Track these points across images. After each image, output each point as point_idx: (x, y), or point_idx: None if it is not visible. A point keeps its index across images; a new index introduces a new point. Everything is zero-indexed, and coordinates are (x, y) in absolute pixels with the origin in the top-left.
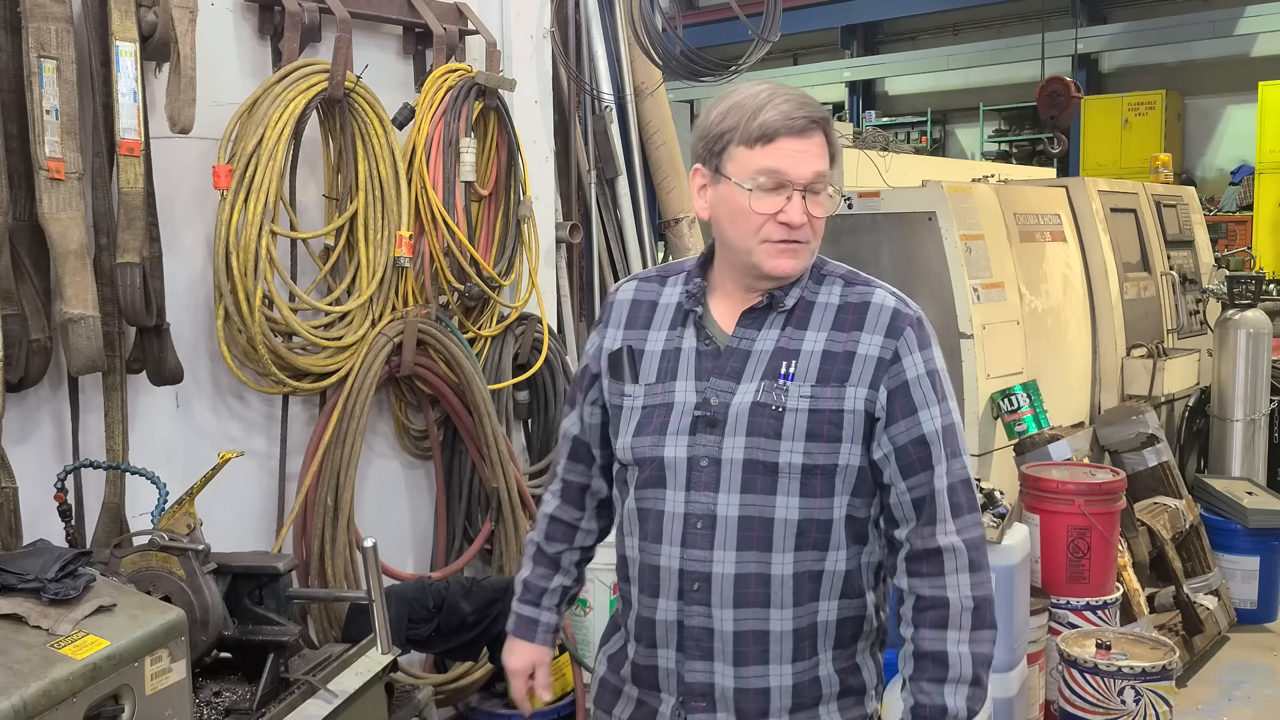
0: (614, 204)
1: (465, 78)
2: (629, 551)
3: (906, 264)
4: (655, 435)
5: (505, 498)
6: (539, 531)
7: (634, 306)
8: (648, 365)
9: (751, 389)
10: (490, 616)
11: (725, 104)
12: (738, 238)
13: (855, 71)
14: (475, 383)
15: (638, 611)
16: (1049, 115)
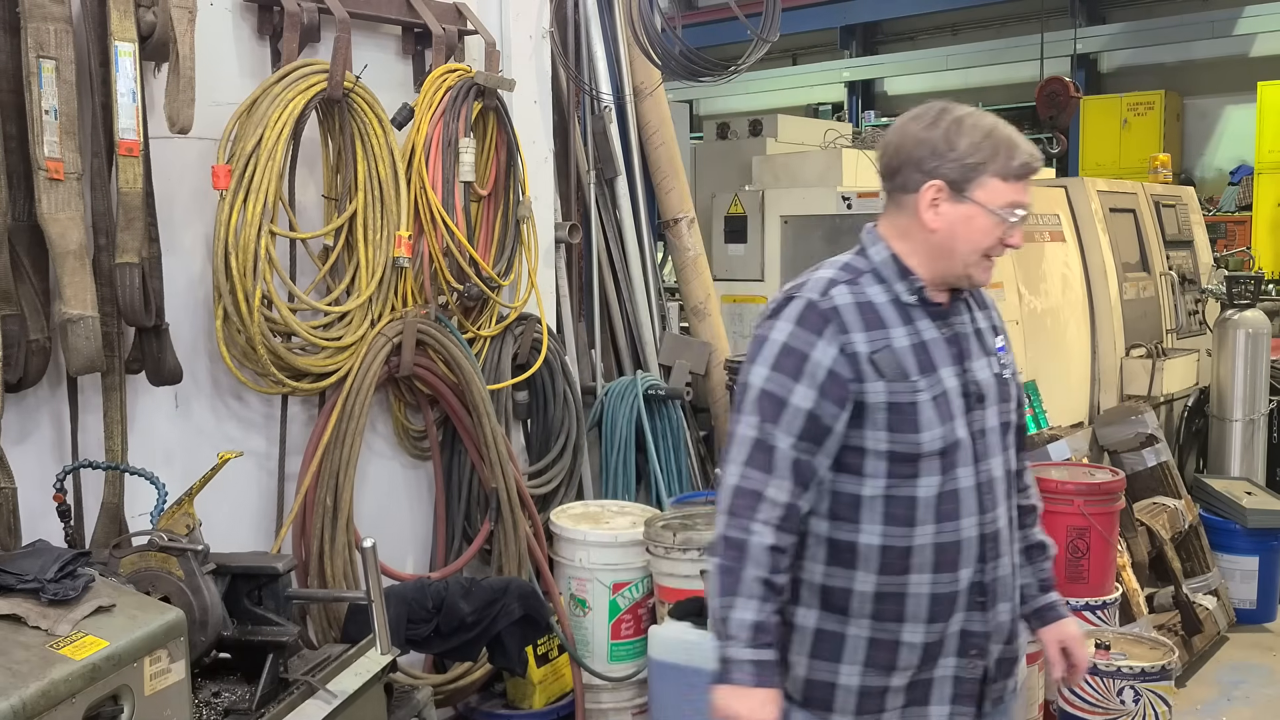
0: (613, 204)
1: (464, 78)
2: (918, 540)
3: None
4: (950, 421)
5: (504, 498)
6: (762, 567)
7: (860, 310)
8: (907, 360)
9: (984, 364)
10: (489, 617)
11: (973, 134)
12: (964, 251)
13: (854, 72)
14: (474, 383)
15: (929, 593)
16: (1048, 115)
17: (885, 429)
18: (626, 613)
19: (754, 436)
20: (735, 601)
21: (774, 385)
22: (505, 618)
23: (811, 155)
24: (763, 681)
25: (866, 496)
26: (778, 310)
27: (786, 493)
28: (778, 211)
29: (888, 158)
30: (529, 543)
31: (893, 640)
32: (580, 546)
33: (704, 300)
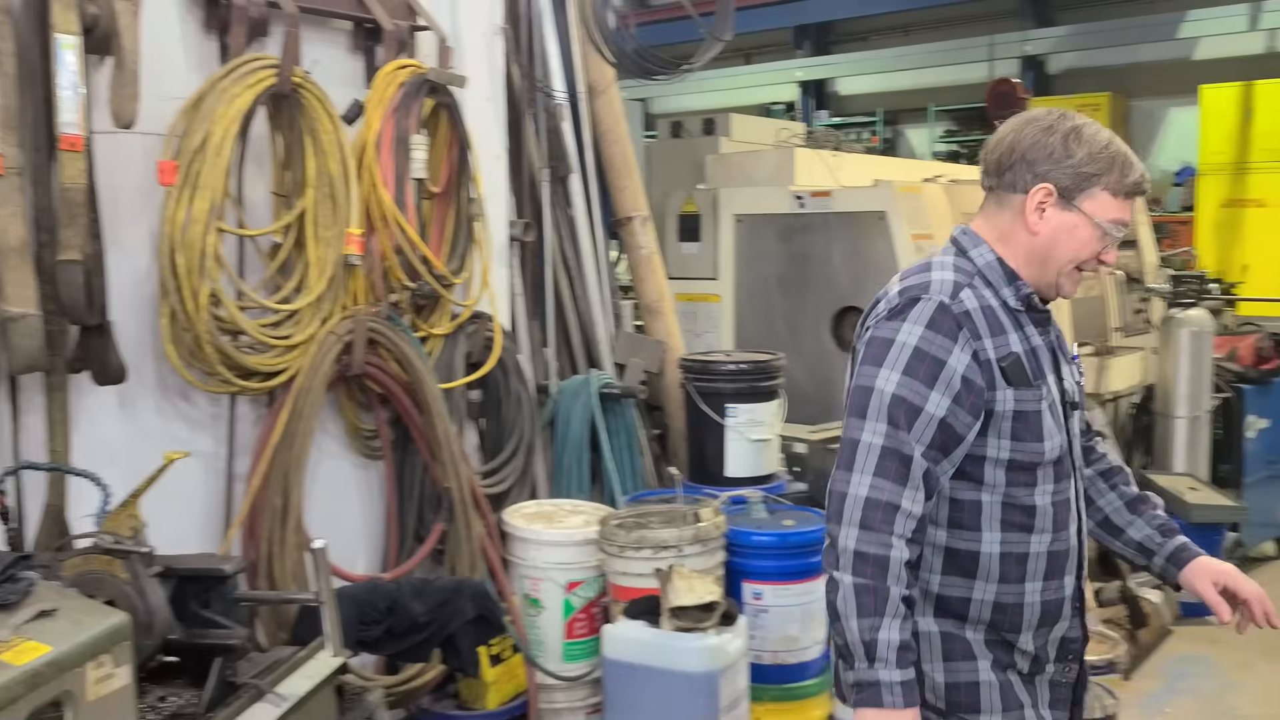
0: (567, 202)
1: (416, 74)
2: (1034, 548)
3: (858, 262)
4: (1061, 431)
5: (457, 498)
6: (900, 582)
7: (984, 314)
8: (1027, 366)
9: (1069, 370)
10: (442, 618)
11: (1092, 144)
12: (1060, 260)
13: (807, 71)
14: (426, 382)
15: (1041, 600)
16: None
17: (1010, 438)
18: (580, 612)
19: (883, 445)
20: (881, 622)
21: (907, 391)
22: (458, 618)
23: (765, 154)
24: (910, 701)
25: (986, 503)
26: (902, 311)
27: (920, 505)
28: (731, 210)
29: (999, 154)
30: (482, 543)
31: (1006, 644)
32: (534, 546)
33: (658, 299)
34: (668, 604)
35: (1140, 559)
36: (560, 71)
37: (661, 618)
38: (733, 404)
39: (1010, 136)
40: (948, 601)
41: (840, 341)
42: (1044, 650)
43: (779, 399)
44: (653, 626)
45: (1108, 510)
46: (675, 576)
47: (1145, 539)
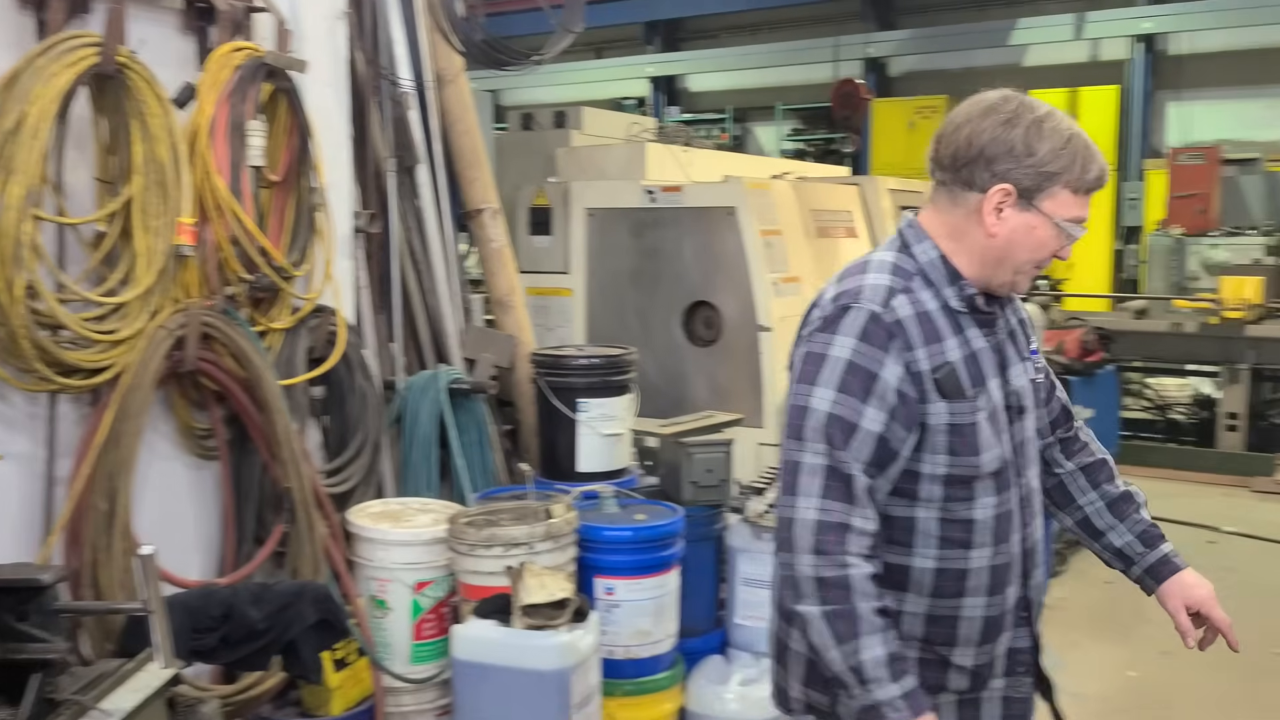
0: (414, 193)
1: (253, 57)
2: (974, 563)
3: (708, 257)
4: (1001, 441)
5: (299, 498)
6: (871, 597)
7: (919, 321)
8: (963, 374)
9: (1021, 370)
10: (282, 623)
11: (1054, 139)
12: (1017, 260)
13: (658, 67)
14: (265, 378)
15: (982, 616)
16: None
17: (945, 452)
18: (429, 612)
19: (826, 465)
20: (860, 643)
21: (842, 408)
22: (299, 623)
23: (616, 148)
24: (917, 709)
25: (920, 519)
26: (834, 321)
27: (870, 521)
28: (583, 204)
29: (955, 148)
30: (326, 544)
31: (941, 661)
32: (380, 546)
33: (509, 293)
34: (519, 602)
35: (1117, 564)
36: (407, 59)
37: (513, 616)
38: (584, 399)
39: (967, 129)
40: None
41: (691, 336)
42: (987, 667)
43: (631, 393)
44: (504, 625)
45: (1088, 511)
46: (526, 574)
47: (1126, 546)
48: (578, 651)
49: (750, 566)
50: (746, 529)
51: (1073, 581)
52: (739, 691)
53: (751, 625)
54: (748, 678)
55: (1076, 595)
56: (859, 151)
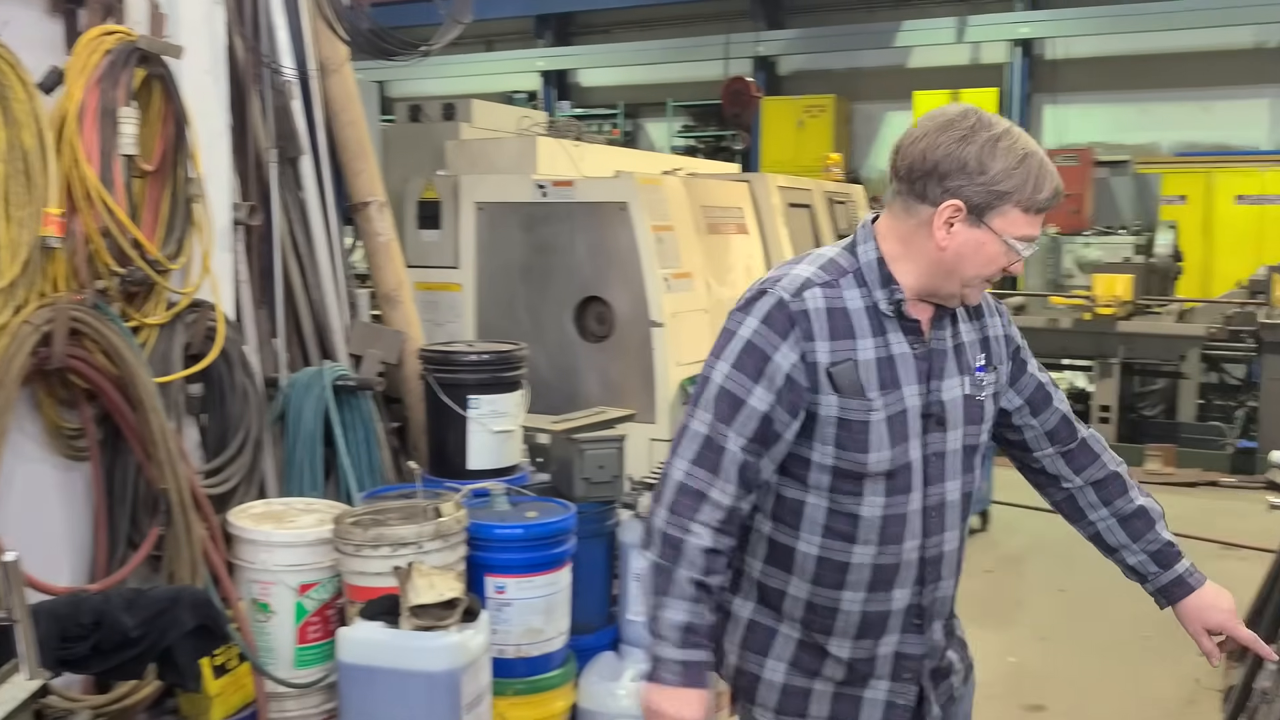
0: (297, 185)
1: (125, 41)
2: (856, 558)
3: (600, 253)
4: (903, 443)
5: (176, 499)
6: (693, 568)
7: (831, 316)
8: (868, 374)
9: (956, 383)
10: (157, 629)
11: (1007, 158)
12: (967, 275)
13: (549, 61)
14: (139, 375)
15: (861, 611)
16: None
17: (833, 444)
18: (314, 615)
19: (705, 434)
20: (667, 601)
21: (732, 384)
22: (176, 630)
23: (506, 142)
24: (689, 681)
25: (809, 504)
26: (749, 304)
27: (730, 496)
28: (472, 198)
29: (910, 160)
30: (204, 546)
31: (819, 648)
32: (263, 548)
33: (396, 287)
34: (407, 603)
35: (1134, 579)
36: (289, 47)
37: (401, 617)
38: (475, 395)
39: (924, 143)
40: (767, 591)
41: (583, 331)
42: (866, 664)
43: (522, 390)
44: (391, 627)
45: (1100, 527)
46: (415, 574)
47: (1139, 564)
48: (468, 651)
49: (643, 562)
50: (639, 525)
51: None
52: (632, 688)
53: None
54: (640, 673)
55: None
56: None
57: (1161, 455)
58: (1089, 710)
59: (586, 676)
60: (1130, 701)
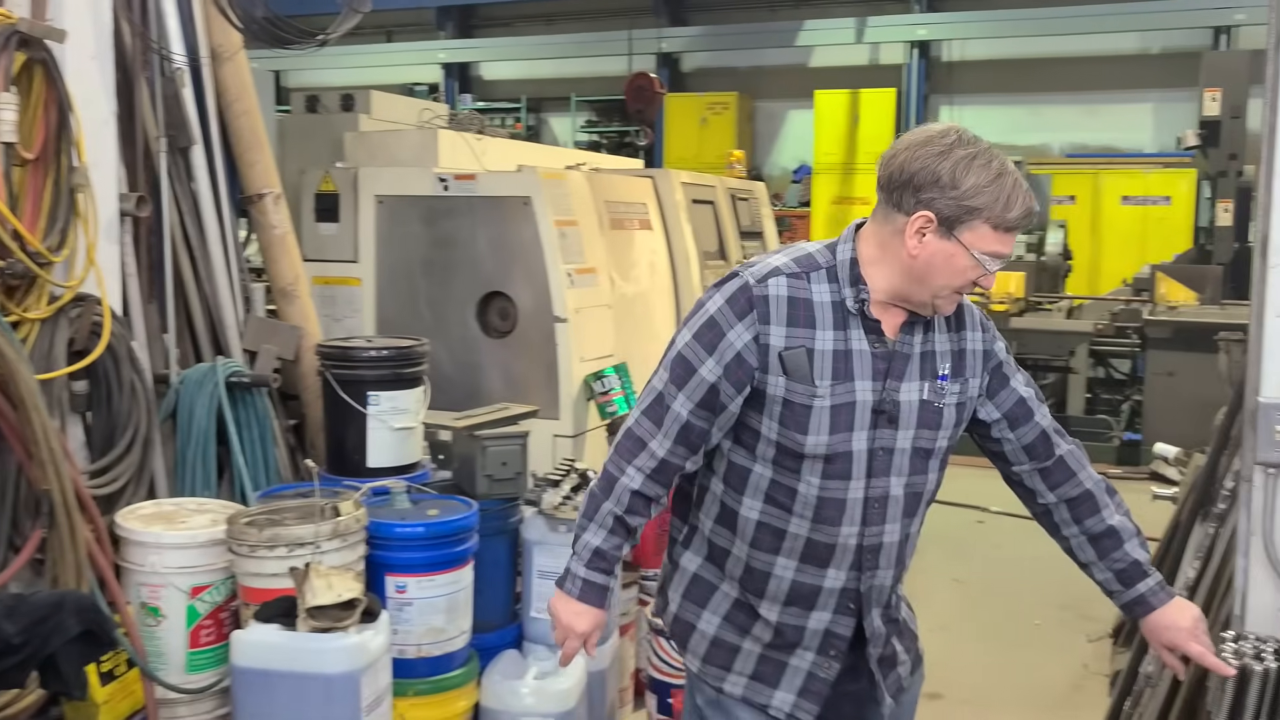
0: (189, 176)
1: (4, 24)
2: (792, 529)
3: (503, 248)
4: (845, 432)
5: (59, 500)
6: (618, 504)
7: (791, 304)
8: (822, 364)
9: (916, 387)
10: (40, 636)
11: (980, 175)
12: (936, 284)
13: (450, 54)
14: (19, 372)
15: (792, 579)
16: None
17: (777, 421)
18: (207, 618)
19: (660, 391)
20: (589, 526)
21: (689, 352)
22: (60, 636)
23: (407, 134)
24: (585, 598)
25: (755, 473)
26: (722, 284)
27: (666, 450)
28: (372, 191)
29: (890, 171)
30: (90, 549)
31: (751, 609)
32: (152, 550)
33: (293, 281)
34: (304, 604)
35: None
36: (179, 33)
37: (298, 619)
38: (374, 391)
39: (904, 155)
40: (715, 549)
41: (485, 327)
42: (793, 632)
43: (423, 386)
44: (288, 629)
45: (1072, 543)
46: (312, 574)
47: (1104, 581)
48: (367, 653)
49: (546, 559)
50: (542, 522)
51: None
52: (535, 685)
53: (547, 618)
54: (543, 671)
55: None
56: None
57: None
58: (984, 697)
59: (489, 675)
60: (1023, 687)
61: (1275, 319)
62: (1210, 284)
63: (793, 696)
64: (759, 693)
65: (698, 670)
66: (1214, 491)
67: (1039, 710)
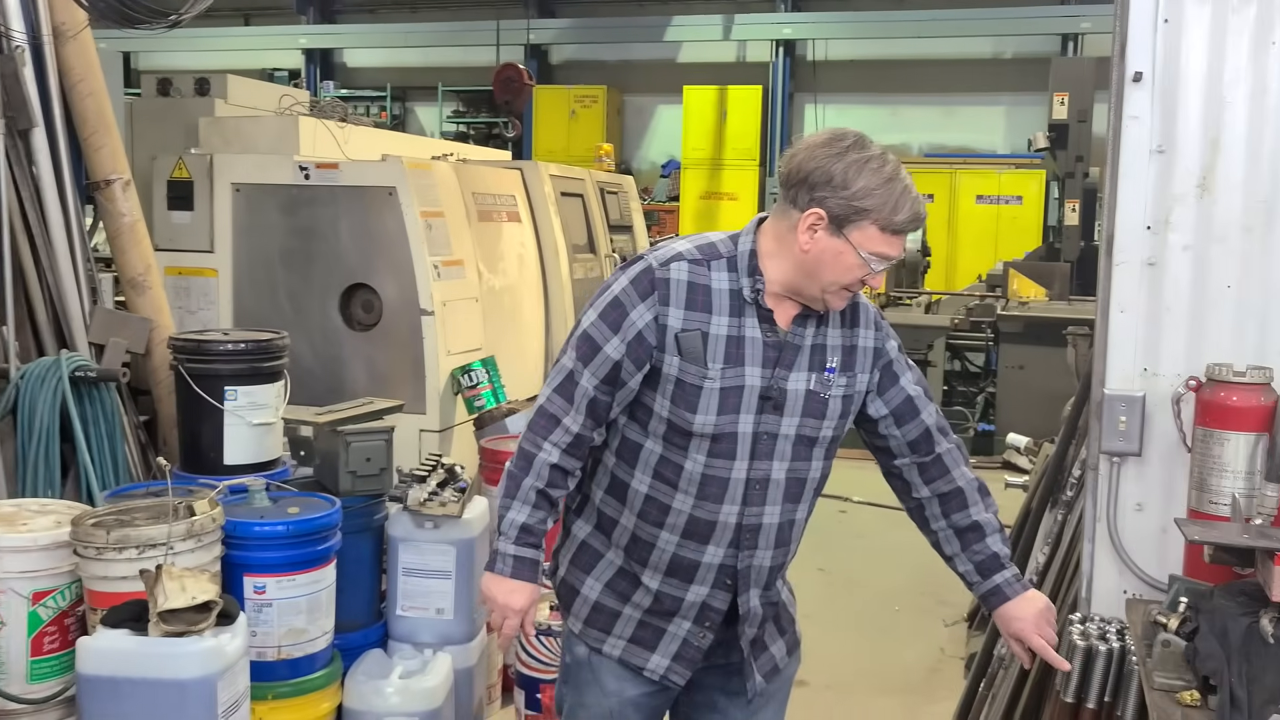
0: (29, 160)
1: None
2: (676, 504)
3: (367, 239)
4: (732, 414)
5: None
6: (539, 479)
7: (690, 289)
8: (715, 348)
9: (804, 377)
10: None
11: (871, 178)
12: (825, 280)
13: (312, 39)
14: None
15: (674, 553)
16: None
17: (670, 399)
18: (51, 624)
19: (569, 369)
20: (512, 504)
21: (595, 331)
22: None
23: (266, 121)
24: (518, 574)
25: (646, 448)
26: (628, 267)
27: (579, 425)
28: (228, 178)
29: (789, 168)
30: None
31: (634, 577)
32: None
33: (143, 272)
34: (156, 608)
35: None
36: (18, 8)
37: (149, 624)
38: (231, 386)
39: (802, 154)
40: (604, 518)
41: (349, 320)
42: (672, 601)
43: (282, 380)
44: (139, 634)
45: (939, 536)
46: (164, 577)
47: (965, 573)
48: (224, 656)
49: (412, 556)
50: (408, 518)
51: None
52: (400, 685)
53: (414, 616)
54: (409, 670)
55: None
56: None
57: None
58: (846, 682)
59: (353, 676)
60: (884, 672)
61: (1119, 314)
62: (1059, 281)
63: (667, 661)
64: (636, 655)
65: (578, 632)
66: (1062, 480)
67: (899, 693)
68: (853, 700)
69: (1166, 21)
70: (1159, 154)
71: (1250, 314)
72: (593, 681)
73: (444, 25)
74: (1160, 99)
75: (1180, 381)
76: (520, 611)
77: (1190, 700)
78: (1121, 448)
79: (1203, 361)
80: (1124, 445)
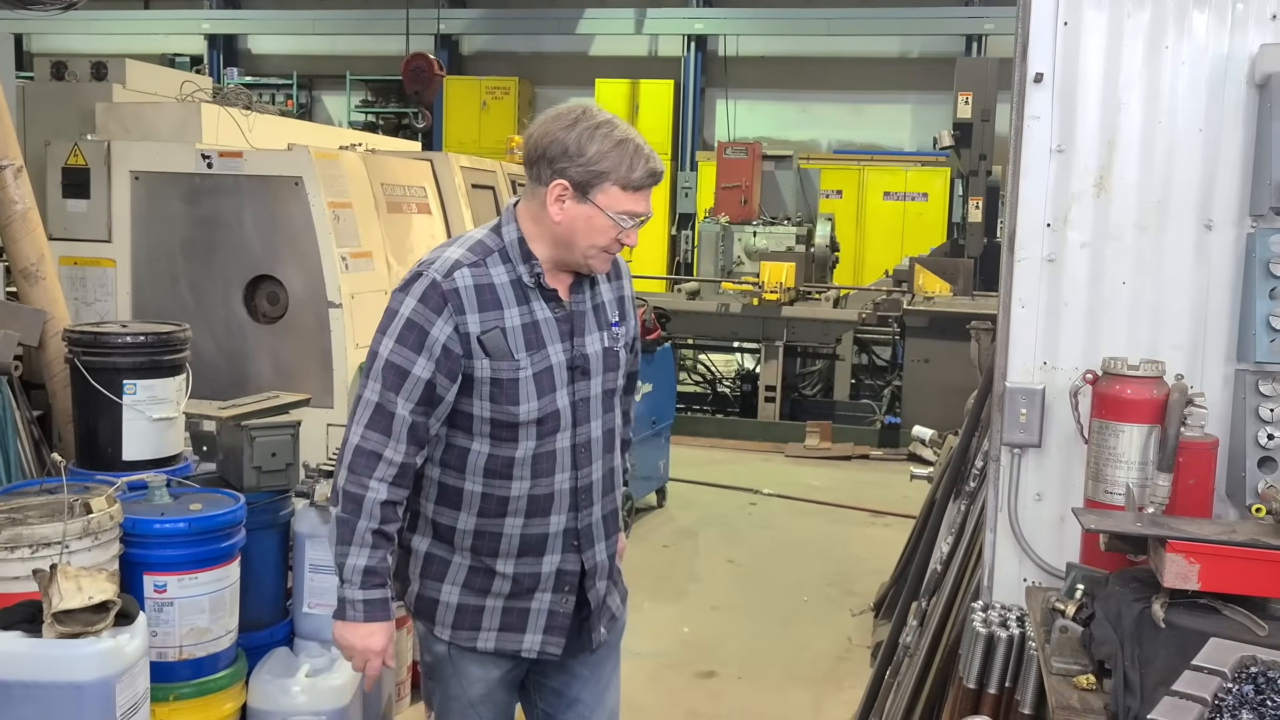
0: None
1: None
2: (514, 491)
3: (273, 229)
4: (550, 393)
5: None
6: (373, 519)
7: (479, 292)
8: (516, 339)
9: (597, 338)
10: None
11: (604, 143)
12: (583, 245)
13: (215, 24)
14: None
15: (520, 534)
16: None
17: (489, 400)
18: None
19: (376, 401)
20: (350, 550)
21: (397, 357)
22: None
23: (167, 107)
24: (371, 617)
25: (474, 450)
26: (407, 285)
27: (402, 454)
28: (127, 166)
29: (528, 150)
30: None
31: (488, 570)
32: None
33: (36, 261)
34: (50, 608)
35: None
36: None
37: (44, 625)
38: (130, 380)
39: (536, 133)
40: (440, 527)
41: (253, 312)
42: (530, 578)
43: (184, 374)
44: (32, 636)
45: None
46: (59, 576)
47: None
48: (123, 657)
49: (319, 553)
50: (315, 514)
51: (634, 546)
52: (307, 683)
53: (321, 613)
54: (316, 668)
55: (637, 559)
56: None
57: (819, 431)
58: (755, 672)
59: (258, 675)
60: (792, 661)
61: (1020, 309)
62: (963, 276)
63: (540, 636)
64: (510, 641)
65: (448, 637)
66: (966, 471)
67: (808, 682)
68: (762, 690)
69: (1066, 24)
70: (1059, 153)
71: (1144, 309)
72: (455, 674)
73: (353, 12)
74: (1060, 100)
75: (1078, 375)
76: (381, 652)
77: (1086, 684)
78: (1022, 439)
79: (1099, 355)
80: (1024, 437)
